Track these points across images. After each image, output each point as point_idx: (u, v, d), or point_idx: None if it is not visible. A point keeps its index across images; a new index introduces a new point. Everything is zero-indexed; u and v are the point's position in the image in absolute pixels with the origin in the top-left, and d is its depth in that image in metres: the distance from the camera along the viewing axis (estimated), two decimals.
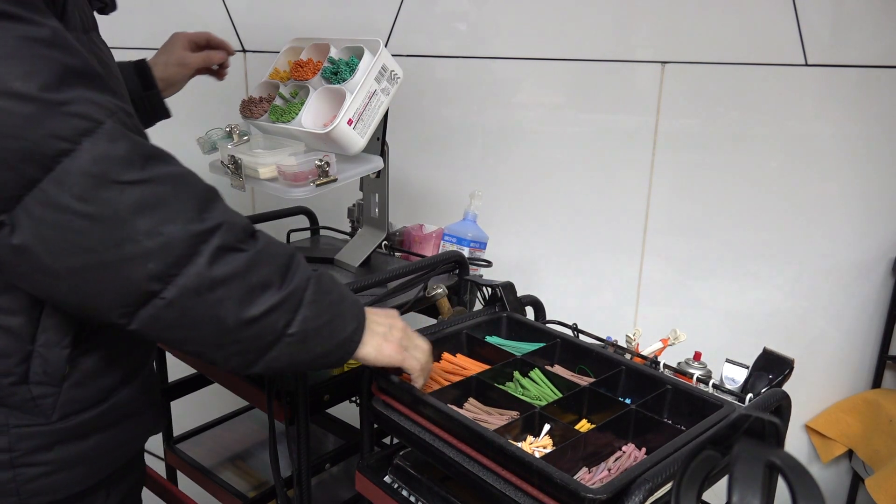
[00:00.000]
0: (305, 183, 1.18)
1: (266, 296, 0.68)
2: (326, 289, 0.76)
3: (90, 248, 0.61)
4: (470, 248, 1.43)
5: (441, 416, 0.88)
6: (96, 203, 0.60)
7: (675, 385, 0.94)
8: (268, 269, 0.69)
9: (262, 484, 1.39)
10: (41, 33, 0.61)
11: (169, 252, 0.63)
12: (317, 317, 0.73)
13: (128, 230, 0.61)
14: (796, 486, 0.55)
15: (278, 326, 0.70)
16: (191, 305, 0.65)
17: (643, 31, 1.69)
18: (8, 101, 0.58)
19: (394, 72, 1.24)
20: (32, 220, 0.60)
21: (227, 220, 0.67)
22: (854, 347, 1.88)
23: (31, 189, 0.59)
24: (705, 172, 1.74)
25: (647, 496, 0.71)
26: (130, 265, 0.62)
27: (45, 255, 0.61)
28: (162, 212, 0.63)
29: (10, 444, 0.73)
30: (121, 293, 0.63)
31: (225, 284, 0.66)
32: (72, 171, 0.59)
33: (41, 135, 0.58)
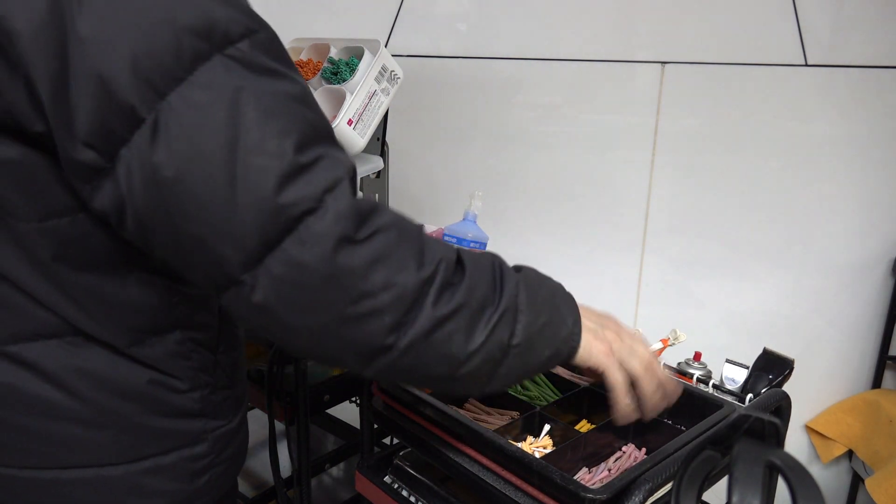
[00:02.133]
0: None
1: (486, 317, 0.67)
2: (536, 285, 0.73)
3: (329, 306, 0.60)
4: (470, 249, 1.43)
5: (441, 416, 0.88)
6: (336, 262, 0.59)
7: None
8: (482, 289, 0.67)
9: (262, 484, 1.39)
10: (293, 89, 0.61)
11: (403, 302, 0.62)
12: (536, 318, 0.70)
13: (366, 286, 0.60)
14: (796, 486, 0.55)
15: (504, 341, 0.68)
16: (423, 349, 0.64)
17: (643, 31, 1.69)
18: (266, 160, 0.57)
19: (394, 72, 1.24)
20: (273, 279, 0.59)
21: (443, 255, 0.66)
22: (854, 347, 1.88)
23: (272, 249, 0.58)
24: (705, 172, 1.74)
25: (647, 496, 0.71)
26: (368, 321, 0.61)
27: (285, 314, 0.61)
28: (394, 262, 0.62)
29: (209, 448, 0.78)
30: (358, 346, 0.63)
31: (451, 320, 0.65)
32: (315, 231, 0.58)
33: (291, 196, 0.57)
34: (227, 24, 0.58)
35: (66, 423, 0.70)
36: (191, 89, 0.56)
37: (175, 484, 0.76)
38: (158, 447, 0.75)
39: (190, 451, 0.77)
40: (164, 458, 0.75)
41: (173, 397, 0.74)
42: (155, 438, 0.74)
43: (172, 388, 0.74)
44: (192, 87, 0.56)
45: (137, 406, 0.72)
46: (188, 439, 0.77)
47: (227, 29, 0.58)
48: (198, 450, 0.78)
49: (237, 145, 0.57)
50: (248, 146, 0.57)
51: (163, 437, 0.75)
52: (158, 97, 0.56)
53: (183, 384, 0.75)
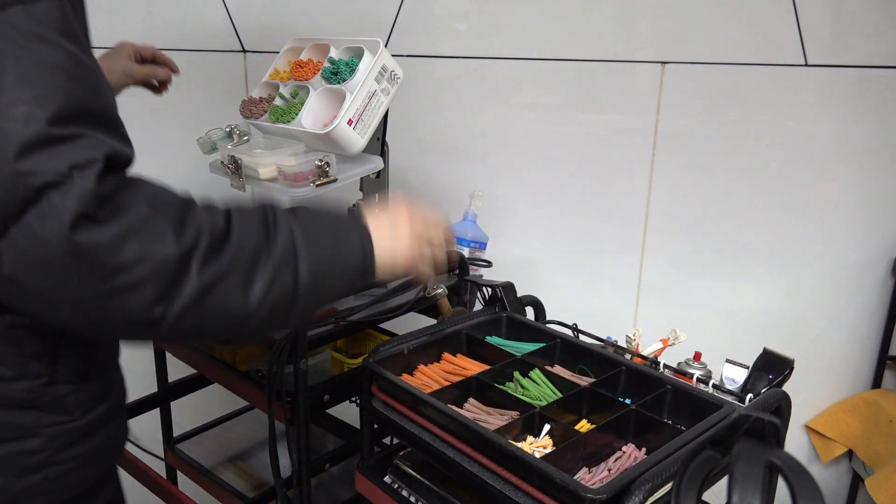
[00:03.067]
0: (305, 183, 1.18)
1: (261, 269, 0.67)
2: (313, 224, 0.72)
3: (81, 282, 0.60)
4: (470, 248, 1.43)
5: (441, 416, 0.88)
6: (74, 239, 0.58)
7: (675, 385, 0.94)
8: (252, 242, 0.67)
9: (262, 484, 1.39)
10: (67, 63, 0.60)
11: (163, 273, 0.62)
12: (318, 257, 0.70)
13: (117, 261, 0.60)
14: (796, 486, 0.55)
15: (288, 288, 0.68)
16: (198, 313, 0.64)
17: (643, 31, 1.69)
18: (9, 124, 0.57)
19: (394, 72, 1.24)
20: (18, 252, 0.58)
21: (204, 221, 0.65)
22: (854, 347, 1.88)
23: (16, 220, 0.57)
24: (705, 172, 1.74)
25: (647, 496, 0.71)
26: (128, 294, 0.61)
27: (39, 288, 0.60)
28: (146, 234, 0.61)
29: (43, 444, 0.74)
30: (126, 320, 0.63)
31: (222, 282, 0.64)
32: (56, 206, 0.57)
33: (30, 164, 0.57)
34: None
35: None
36: None
37: (1, 479, 0.73)
38: None
39: (20, 444, 0.73)
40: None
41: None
42: None
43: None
44: None
45: None
46: (17, 432, 0.73)
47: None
48: (29, 444, 0.74)
49: None
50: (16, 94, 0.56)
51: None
52: None
53: (8, 372, 0.72)
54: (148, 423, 1.49)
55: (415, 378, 1.03)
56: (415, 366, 1.06)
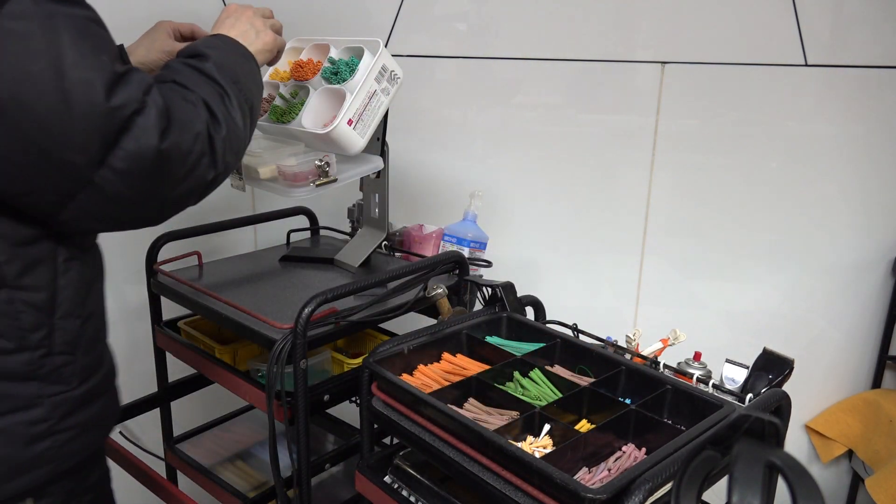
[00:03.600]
0: (305, 183, 1.18)
1: (233, 100, 0.87)
2: (226, 63, 0.89)
3: (171, 176, 0.77)
4: (470, 249, 1.43)
5: (441, 416, 0.88)
6: (162, 147, 0.74)
7: (675, 385, 0.94)
8: (218, 89, 0.86)
9: (262, 484, 1.39)
10: (93, 15, 0.72)
11: (206, 141, 0.80)
12: (238, 80, 0.89)
13: (187, 147, 0.78)
14: (796, 486, 0.55)
15: (243, 104, 0.89)
16: (231, 148, 0.86)
17: (643, 31, 1.69)
18: (90, 72, 0.68)
19: (394, 72, 1.24)
20: (118, 172, 0.72)
21: (207, 95, 0.84)
22: (854, 347, 1.88)
23: (112, 147, 0.71)
24: (705, 172, 1.74)
25: (647, 496, 0.71)
26: (197, 169, 0.80)
27: (137, 197, 0.75)
28: (189, 125, 0.78)
29: (46, 413, 0.79)
30: (199, 187, 0.81)
31: (228, 124, 0.85)
32: (144, 126, 0.72)
33: (119, 99, 0.70)
34: None
35: None
36: (6, 20, 0.64)
37: (9, 449, 0.77)
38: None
39: (24, 415, 0.77)
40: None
41: None
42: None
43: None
44: (7, 19, 0.64)
45: None
46: (20, 403, 0.77)
47: None
48: (33, 414, 0.78)
49: (62, 63, 0.66)
50: (72, 63, 0.67)
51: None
52: None
53: (9, 344, 0.76)
54: (148, 423, 1.49)
55: (415, 378, 1.03)
56: (415, 366, 1.06)
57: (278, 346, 1.05)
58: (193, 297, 1.25)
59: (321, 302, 1.05)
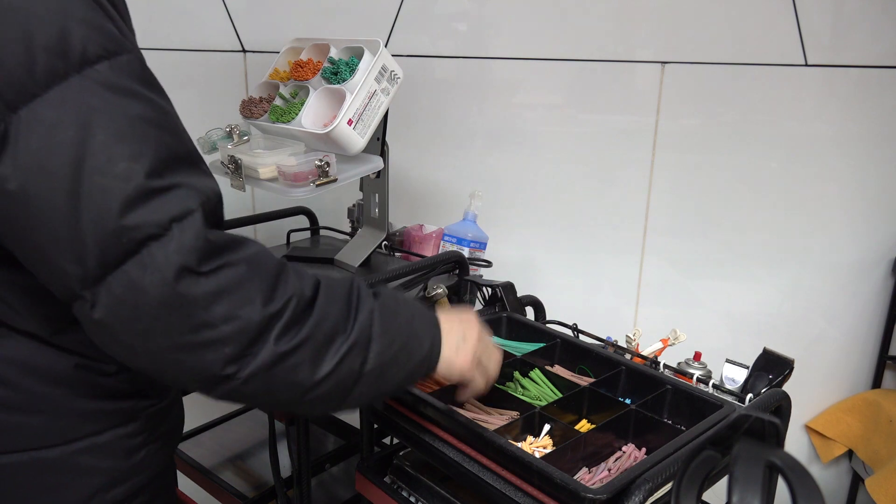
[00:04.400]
0: (305, 183, 1.18)
1: (335, 347, 0.69)
2: (392, 312, 0.75)
3: (167, 332, 0.62)
4: (470, 248, 1.43)
5: (441, 416, 0.88)
6: (175, 292, 0.60)
7: (675, 385, 0.94)
8: (332, 319, 0.69)
9: (262, 484, 1.39)
10: (154, 114, 0.63)
11: (245, 335, 0.64)
12: (390, 346, 0.73)
13: (206, 317, 0.62)
14: (796, 486, 0.55)
15: (354, 369, 0.70)
16: (266, 379, 0.66)
17: (643, 31, 1.69)
18: (112, 181, 0.59)
19: (394, 72, 1.24)
20: (112, 299, 0.60)
21: (295, 291, 0.67)
22: (854, 347, 1.88)
23: (114, 269, 0.60)
24: (705, 172, 1.74)
25: (647, 496, 0.71)
26: (207, 350, 0.63)
27: (124, 334, 0.62)
28: (238, 296, 0.63)
29: (142, 426, 0.80)
30: (198, 373, 0.65)
31: (295, 353, 0.66)
32: (157, 258, 0.60)
33: (134, 219, 0.59)
34: (84, 45, 0.59)
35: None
36: (43, 106, 0.57)
37: (111, 461, 0.78)
38: (93, 427, 0.76)
39: (124, 429, 0.78)
40: (99, 437, 0.77)
41: (102, 380, 0.76)
42: (88, 419, 0.76)
43: (100, 371, 0.75)
44: (45, 105, 0.57)
45: (67, 390, 0.74)
46: (121, 418, 0.78)
47: (85, 49, 0.59)
48: (132, 428, 0.79)
49: (83, 165, 0.58)
50: (95, 167, 0.58)
51: (96, 418, 0.76)
52: (9, 110, 0.57)
53: (110, 367, 0.76)
54: None
55: None
56: None
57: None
58: None
59: None
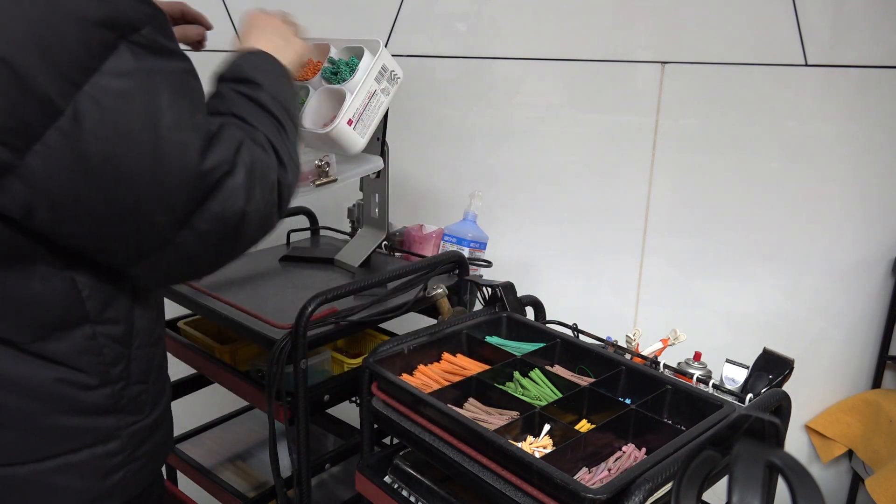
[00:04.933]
0: (305, 183, 1.18)
1: (290, 137, 0.82)
2: (273, 86, 0.83)
3: (248, 236, 0.75)
4: (470, 248, 1.43)
5: (441, 416, 0.88)
6: (247, 209, 0.72)
7: (675, 385, 0.94)
8: (274, 132, 0.80)
9: (262, 484, 1.39)
10: (188, 66, 0.69)
11: (276, 193, 0.77)
12: (283, 107, 0.83)
13: (269, 206, 0.75)
14: (796, 486, 0.55)
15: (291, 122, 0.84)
16: (290, 184, 0.80)
17: (643, 31, 1.69)
18: (186, 134, 0.66)
19: (394, 72, 1.24)
20: (199, 234, 0.70)
21: (277, 149, 0.79)
22: (854, 347, 1.88)
23: (198, 208, 0.69)
24: (705, 172, 1.74)
25: (647, 496, 0.71)
26: (267, 220, 0.77)
27: (209, 259, 0.74)
28: (264, 176, 0.74)
29: (122, 445, 0.78)
30: (265, 227, 0.77)
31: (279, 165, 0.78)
32: (232, 187, 0.70)
33: (211, 163, 0.68)
34: (129, 13, 0.62)
35: None
36: (106, 78, 0.61)
37: (86, 482, 0.75)
38: (68, 445, 0.73)
39: (103, 448, 0.76)
40: (75, 456, 0.74)
41: (82, 394, 0.73)
42: (64, 437, 0.73)
43: (81, 384, 0.73)
44: (107, 76, 0.61)
45: (43, 405, 0.71)
46: (101, 436, 0.75)
47: (130, 17, 0.62)
48: (111, 446, 0.76)
49: (160, 124, 0.63)
50: (170, 124, 0.64)
51: (73, 436, 0.73)
52: (75, 88, 0.59)
53: (92, 380, 0.74)
54: None
55: (415, 378, 1.03)
56: (415, 366, 1.06)
57: (278, 346, 1.05)
58: (193, 297, 1.25)
59: (321, 302, 1.05)
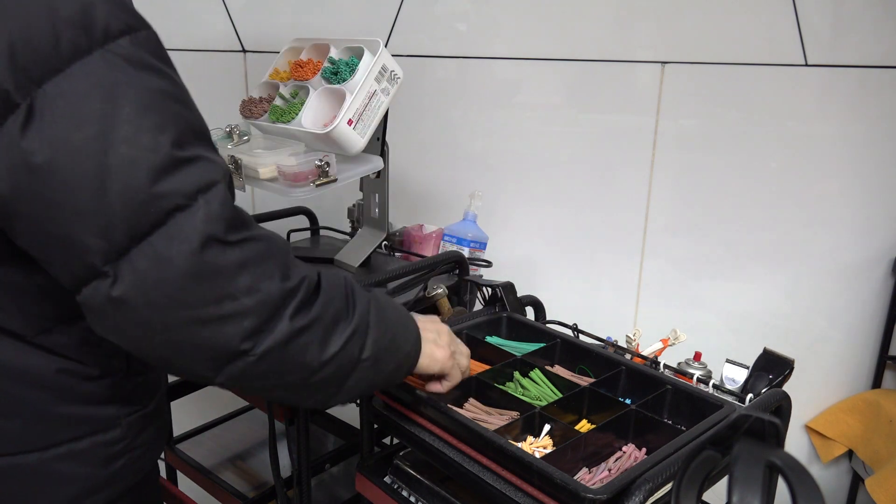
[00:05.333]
0: (305, 183, 1.18)
1: (340, 330, 0.71)
2: (384, 306, 0.78)
3: (190, 304, 0.61)
4: (470, 248, 1.43)
5: (441, 416, 0.88)
6: (202, 261, 0.60)
7: (675, 385, 0.94)
8: (336, 304, 0.71)
9: (262, 484, 1.39)
10: (172, 89, 0.63)
11: (264, 309, 0.64)
12: (384, 336, 0.76)
13: (230, 288, 0.62)
14: (796, 486, 0.55)
15: (354, 355, 0.73)
16: (278, 357, 0.67)
17: (643, 31, 1.69)
18: (138, 152, 0.58)
19: (394, 72, 1.24)
20: (136, 273, 0.59)
21: (307, 274, 0.69)
22: (854, 347, 1.88)
23: (139, 241, 0.59)
24: (705, 172, 1.74)
25: (648, 496, 0.71)
26: (228, 322, 0.63)
27: (145, 310, 0.61)
28: (260, 269, 0.64)
29: (123, 433, 0.79)
30: (214, 349, 0.64)
31: (308, 331, 0.68)
32: (184, 228, 0.59)
33: (163, 188, 0.59)
34: (107, 20, 0.59)
35: None
36: (68, 80, 0.57)
37: (89, 469, 0.77)
38: (71, 433, 0.75)
39: (104, 436, 0.77)
40: (78, 444, 0.75)
41: (84, 384, 0.75)
42: (67, 425, 0.75)
43: (83, 375, 0.74)
44: (70, 79, 0.57)
45: (47, 394, 0.73)
46: (102, 425, 0.77)
47: (108, 25, 0.60)
48: (112, 435, 0.78)
49: (111, 137, 0.58)
50: (122, 138, 0.58)
51: (75, 424, 0.75)
52: (34, 84, 0.57)
53: (94, 371, 0.75)
54: None
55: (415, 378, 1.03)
56: None
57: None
58: None
59: None
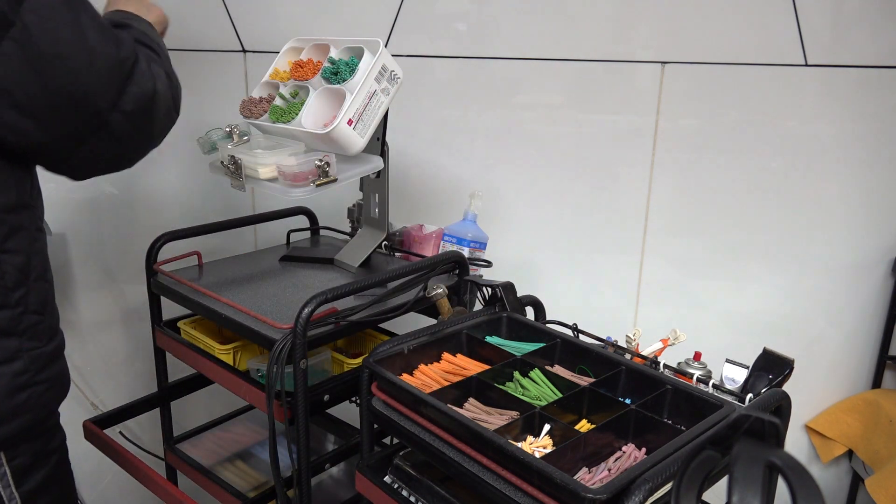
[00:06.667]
0: (305, 183, 1.18)
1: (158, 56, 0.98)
2: (141, 31, 0.98)
3: (165, 110, 0.93)
4: (470, 249, 1.43)
5: (441, 416, 0.88)
6: (158, 87, 0.91)
7: (675, 385, 0.94)
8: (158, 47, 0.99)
9: (262, 484, 1.39)
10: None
11: (169, 83, 0.95)
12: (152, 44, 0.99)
13: (168, 91, 0.94)
14: (796, 486, 0.55)
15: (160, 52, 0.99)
16: (167, 91, 0.95)
17: (643, 31, 1.69)
18: (105, 34, 0.84)
19: (394, 72, 1.24)
20: (126, 114, 0.87)
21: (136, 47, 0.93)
22: (854, 347, 1.88)
23: (122, 93, 0.86)
24: (705, 172, 1.74)
25: (647, 496, 0.71)
26: (175, 100, 0.97)
27: (138, 133, 0.90)
28: (162, 70, 0.94)
29: (25, 366, 0.89)
30: (170, 114, 0.95)
31: (169, 76, 0.97)
32: (140, 70, 0.89)
33: (123, 51, 0.86)
34: None
35: None
36: (35, 3, 0.78)
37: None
38: None
39: (8, 367, 0.88)
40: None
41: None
42: None
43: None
44: (35, 3, 0.78)
45: None
46: (5, 355, 0.87)
47: None
48: (16, 366, 0.89)
49: (85, 26, 0.81)
50: (90, 24, 0.82)
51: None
52: (18, 4, 0.76)
53: (9, 298, 0.87)
54: (148, 423, 1.49)
55: (415, 378, 1.03)
56: (415, 366, 1.06)
57: (278, 346, 1.05)
58: (193, 297, 1.25)
59: (321, 302, 1.05)
